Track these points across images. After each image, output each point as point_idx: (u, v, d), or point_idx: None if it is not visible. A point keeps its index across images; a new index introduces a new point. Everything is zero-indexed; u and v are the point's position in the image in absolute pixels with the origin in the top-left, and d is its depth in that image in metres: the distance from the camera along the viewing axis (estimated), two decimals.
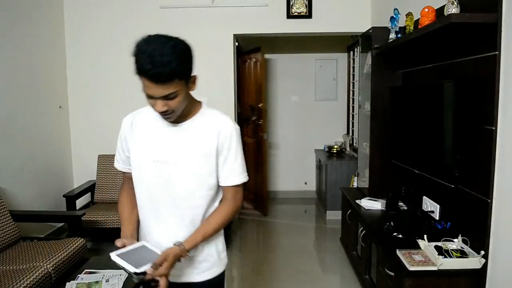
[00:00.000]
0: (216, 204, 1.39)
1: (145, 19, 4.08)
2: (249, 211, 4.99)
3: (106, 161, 3.99)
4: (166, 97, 1.17)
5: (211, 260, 1.42)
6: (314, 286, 3.08)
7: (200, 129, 1.32)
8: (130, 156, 1.37)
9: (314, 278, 3.21)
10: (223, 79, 4.17)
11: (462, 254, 1.94)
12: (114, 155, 1.44)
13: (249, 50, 4.91)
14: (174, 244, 1.26)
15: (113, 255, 1.17)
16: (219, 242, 1.45)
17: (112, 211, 3.52)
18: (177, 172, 1.30)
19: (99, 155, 4.04)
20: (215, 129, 1.32)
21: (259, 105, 4.68)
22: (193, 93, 1.31)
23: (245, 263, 3.59)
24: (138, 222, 1.41)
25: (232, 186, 1.37)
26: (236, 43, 4.38)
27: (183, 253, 1.25)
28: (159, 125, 1.32)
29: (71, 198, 3.64)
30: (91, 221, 3.44)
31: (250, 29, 4.14)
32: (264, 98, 4.78)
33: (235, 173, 1.36)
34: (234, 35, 4.18)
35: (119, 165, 1.44)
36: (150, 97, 1.18)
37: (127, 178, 1.44)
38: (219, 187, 1.38)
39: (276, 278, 3.22)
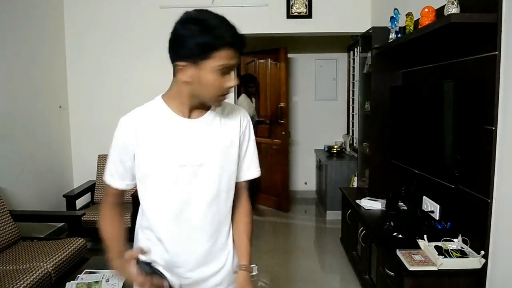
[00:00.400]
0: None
1: (145, 19, 4.08)
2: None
3: (106, 161, 3.98)
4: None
5: (231, 276, 1.28)
6: (314, 286, 3.08)
7: (224, 121, 1.20)
8: (137, 166, 1.17)
9: (314, 278, 3.21)
10: None
11: (462, 254, 1.94)
12: None
13: (267, 50, 5.01)
14: (236, 271, 1.25)
15: (145, 266, 1.10)
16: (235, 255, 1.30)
17: None
18: (207, 174, 1.16)
19: (99, 155, 4.04)
20: (236, 119, 1.23)
21: (281, 105, 4.83)
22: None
23: None
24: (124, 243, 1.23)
25: (248, 180, 1.29)
26: None
27: (249, 270, 1.25)
28: (175, 123, 1.15)
29: (71, 198, 3.64)
30: (91, 221, 3.44)
31: (250, 29, 4.13)
32: (288, 98, 5.01)
33: (255, 164, 1.28)
34: None
35: (114, 180, 1.20)
36: (227, 71, 1.08)
37: (113, 193, 1.23)
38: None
39: (276, 278, 3.21)
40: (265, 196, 5.10)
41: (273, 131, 5.02)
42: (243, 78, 4.87)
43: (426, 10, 2.16)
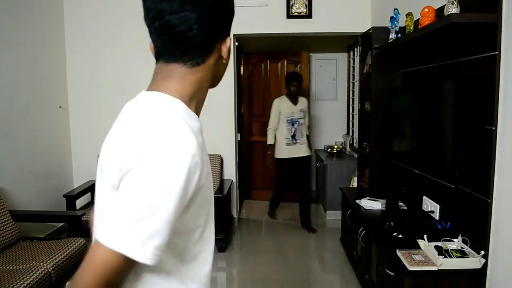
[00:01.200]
0: None
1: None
2: (253, 213, 5.00)
3: None
4: None
5: None
6: (314, 286, 3.08)
7: None
8: (193, 213, 0.76)
9: (314, 278, 3.21)
10: (223, 79, 4.15)
11: (462, 254, 1.94)
12: None
13: (283, 51, 5.10)
14: None
15: None
16: None
17: None
18: None
19: (99, 155, 4.04)
20: None
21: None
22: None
23: (245, 263, 3.59)
24: None
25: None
26: (237, 43, 4.38)
27: None
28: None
29: (71, 198, 3.64)
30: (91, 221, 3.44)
31: (250, 29, 4.14)
32: (310, 98, 5.19)
33: None
34: (234, 35, 4.18)
35: (157, 254, 0.68)
36: None
37: (129, 270, 0.70)
38: None
39: (276, 278, 3.21)
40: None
41: None
42: (286, 77, 4.29)
43: (426, 10, 2.16)
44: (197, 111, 0.82)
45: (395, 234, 2.32)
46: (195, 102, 0.81)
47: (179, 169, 0.66)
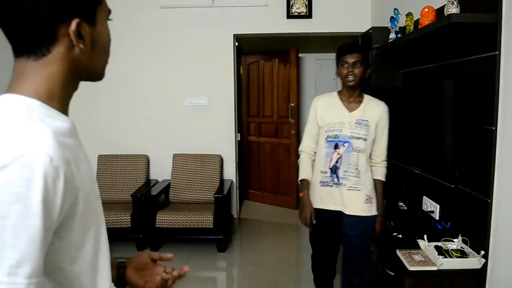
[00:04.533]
0: None
1: (145, 19, 4.08)
2: (249, 214, 5.00)
3: (106, 161, 3.97)
4: None
5: None
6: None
7: None
8: None
9: None
10: (223, 79, 4.18)
11: (462, 254, 1.94)
12: (114, 155, 0.98)
13: (274, 50, 5.05)
14: None
15: None
16: None
17: (112, 211, 3.52)
18: None
19: (99, 155, 4.03)
20: None
21: (292, 105, 4.93)
22: (193, 91, 1.14)
23: (245, 263, 3.59)
24: None
25: None
26: (236, 43, 4.38)
27: None
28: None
29: None
30: None
31: (250, 29, 4.14)
32: (299, 98, 5.16)
33: None
34: (234, 35, 4.18)
35: (37, 283, 0.59)
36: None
37: None
38: None
39: (276, 278, 3.22)
40: (271, 195, 5.16)
41: (281, 130, 5.08)
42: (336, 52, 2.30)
43: (426, 10, 2.17)
44: (64, 110, 0.73)
45: (395, 234, 2.32)
46: (58, 100, 0.71)
47: (29, 177, 0.56)
